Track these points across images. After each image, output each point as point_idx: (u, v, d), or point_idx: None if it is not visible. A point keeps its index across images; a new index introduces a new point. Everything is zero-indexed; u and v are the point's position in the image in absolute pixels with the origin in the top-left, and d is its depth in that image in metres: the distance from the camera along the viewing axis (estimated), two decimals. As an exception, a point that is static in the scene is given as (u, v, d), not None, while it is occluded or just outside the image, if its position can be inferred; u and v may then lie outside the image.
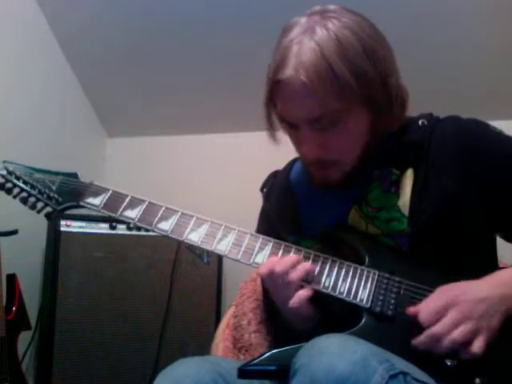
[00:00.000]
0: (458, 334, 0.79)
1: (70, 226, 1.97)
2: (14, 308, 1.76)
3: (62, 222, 1.95)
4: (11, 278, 1.79)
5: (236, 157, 2.39)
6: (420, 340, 0.81)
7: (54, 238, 1.95)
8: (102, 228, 1.99)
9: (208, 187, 2.42)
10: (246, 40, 2.03)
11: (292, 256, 0.92)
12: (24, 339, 1.89)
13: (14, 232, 1.74)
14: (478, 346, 0.79)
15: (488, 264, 0.99)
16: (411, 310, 0.85)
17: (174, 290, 2.01)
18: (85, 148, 2.48)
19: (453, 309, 0.81)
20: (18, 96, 2.06)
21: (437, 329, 0.80)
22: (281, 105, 0.90)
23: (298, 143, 0.94)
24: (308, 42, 0.85)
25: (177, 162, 2.51)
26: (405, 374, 0.72)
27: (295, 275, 0.88)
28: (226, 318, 1.44)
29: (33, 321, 1.88)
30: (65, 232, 1.96)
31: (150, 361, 1.92)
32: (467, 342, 0.79)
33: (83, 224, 1.98)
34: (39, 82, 2.17)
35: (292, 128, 0.92)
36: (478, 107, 1.67)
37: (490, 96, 1.98)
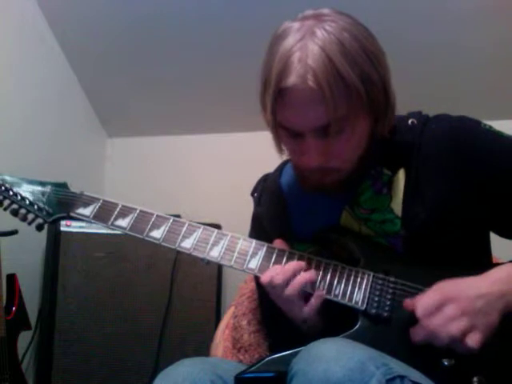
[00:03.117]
0: (455, 328, 0.79)
1: (70, 225, 1.96)
2: (14, 308, 1.76)
3: (62, 222, 1.95)
4: (11, 278, 1.79)
5: (236, 157, 2.39)
6: (418, 334, 0.81)
7: (54, 237, 1.95)
8: (102, 228, 1.98)
9: (208, 187, 2.42)
10: (247, 40, 2.02)
11: (292, 264, 0.90)
12: (24, 339, 1.89)
13: (14, 232, 1.74)
14: (474, 340, 0.78)
15: (482, 261, 0.99)
16: (408, 303, 0.85)
17: (174, 289, 2.00)
18: (85, 148, 2.48)
19: (451, 304, 0.81)
20: (17, 96, 2.05)
21: (434, 323, 0.80)
22: (285, 113, 0.85)
23: (299, 152, 0.90)
24: (312, 46, 0.81)
25: (177, 162, 2.51)
26: (402, 377, 0.71)
27: (292, 289, 0.88)
28: (226, 318, 1.44)
29: (33, 321, 1.88)
30: (65, 232, 1.96)
31: (149, 361, 1.92)
32: (464, 337, 0.79)
33: (83, 224, 1.97)
34: (39, 81, 2.17)
35: (293, 137, 0.88)
36: (478, 107, 1.67)
37: (490, 96, 1.98)
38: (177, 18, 2.07)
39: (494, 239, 1.02)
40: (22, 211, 1.05)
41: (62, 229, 1.95)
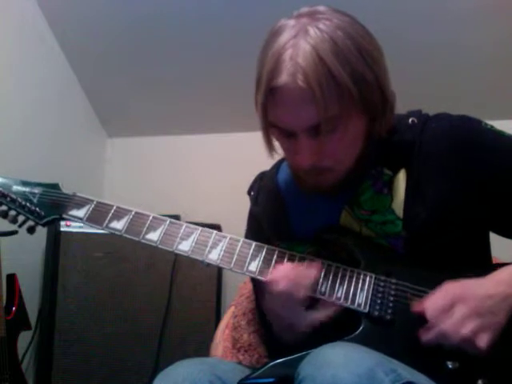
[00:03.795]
0: (466, 330, 0.79)
1: (70, 225, 1.96)
2: (14, 308, 1.76)
3: (62, 222, 1.95)
4: (11, 278, 1.79)
5: (236, 157, 2.39)
6: (429, 337, 0.81)
7: (54, 237, 1.95)
8: (102, 228, 1.99)
9: (208, 187, 2.42)
10: (247, 40, 2.02)
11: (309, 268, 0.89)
12: (24, 339, 1.89)
13: (14, 232, 1.73)
14: (484, 341, 0.78)
15: (483, 261, 0.99)
16: (417, 307, 0.84)
17: (174, 290, 2.00)
18: (85, 148, 2.48)
19: (460, 305, 0.80)
20: (17, 96, 2.05)
21: (446, 326, 0.80)
22: (277, 112, 0.84)
23: (292, 151, 0.89)
24: (303, 45, 0.80)
25: (177, 162, 2.51)
26: (410, 383, 0.71)
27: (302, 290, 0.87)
28: (226, 318, 1.44)
29: (33, 321, 1.88)
30: (65, 232, 1.96)
31: (149, 361, 1.92)
32: (475, 337, 0.79)
33: (83, 224, 1.97)
34: (39, 81, 2.17)
35: (287, 136, 0.87)
36: (479, 107, 1.67)
37: (490, 96, 1.98)
38: (177, 18, 2.07)
39: (494, 239, 1.01)
40: (12, 213, 1.01)
41: (62, 229, 1.95)
